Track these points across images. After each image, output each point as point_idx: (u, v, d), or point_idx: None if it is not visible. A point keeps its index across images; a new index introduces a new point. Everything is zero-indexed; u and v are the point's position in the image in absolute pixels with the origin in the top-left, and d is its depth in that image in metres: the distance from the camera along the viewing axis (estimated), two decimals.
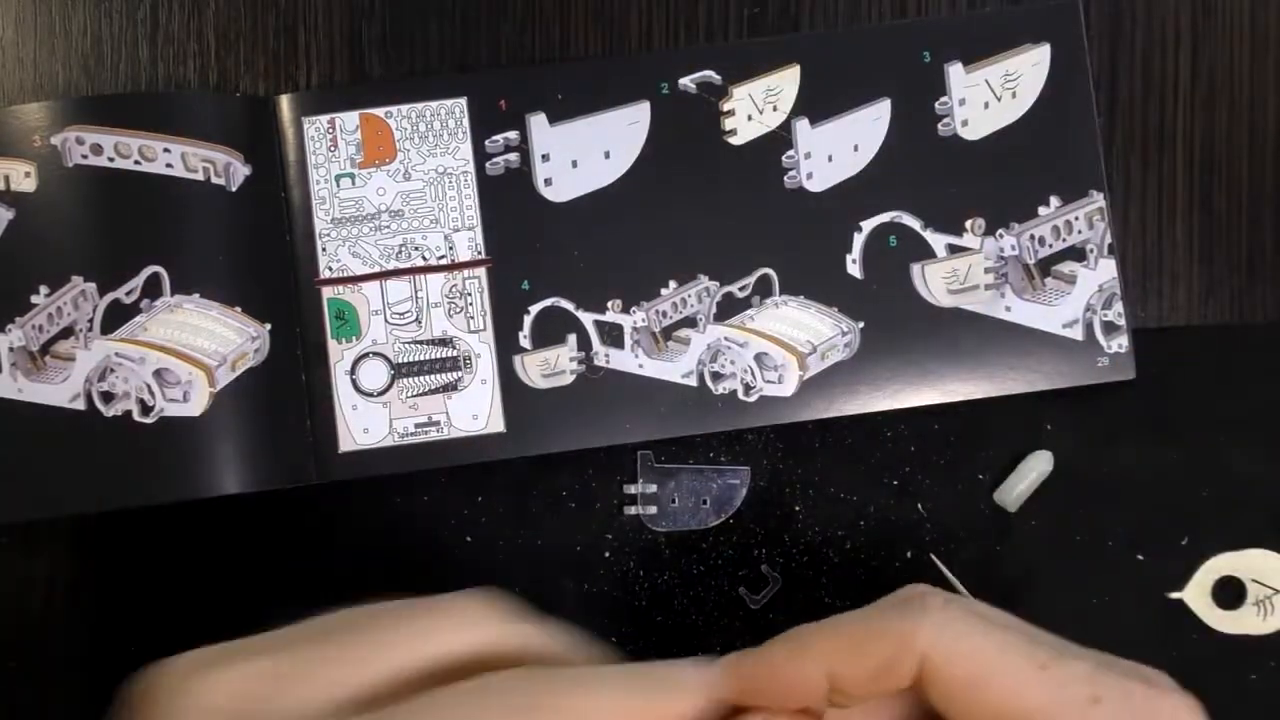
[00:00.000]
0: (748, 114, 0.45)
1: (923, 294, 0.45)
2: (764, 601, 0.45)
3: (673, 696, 0.30)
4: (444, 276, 0.45)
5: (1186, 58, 0.47)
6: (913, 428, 0.45)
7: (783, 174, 0.45)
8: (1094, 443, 0.45)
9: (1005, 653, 0.30)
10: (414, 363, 0.44)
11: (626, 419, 0.44)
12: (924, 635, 0.30)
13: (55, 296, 0.43)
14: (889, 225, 0.45)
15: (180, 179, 0.43)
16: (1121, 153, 0.47)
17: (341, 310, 0.45)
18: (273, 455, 0.43)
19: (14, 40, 0.46)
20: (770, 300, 0.45)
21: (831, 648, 0.31)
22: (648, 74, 0.45)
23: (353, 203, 0.45)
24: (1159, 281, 0.47)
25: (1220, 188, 0.47)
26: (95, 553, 0.45)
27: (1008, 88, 0.45)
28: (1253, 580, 0.45)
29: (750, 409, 0.44)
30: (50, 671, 0.45)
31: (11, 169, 0.43)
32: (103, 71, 0.46)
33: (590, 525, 0.45)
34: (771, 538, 0.45)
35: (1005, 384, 0.45)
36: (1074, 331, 0.45)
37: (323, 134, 0.45)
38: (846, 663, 0.30)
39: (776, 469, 0.45)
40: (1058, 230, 0.45)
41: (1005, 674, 0.30)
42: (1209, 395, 0.46)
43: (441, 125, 0.45)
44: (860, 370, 0.45)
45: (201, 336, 0.43)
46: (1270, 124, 0.47)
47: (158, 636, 0.44)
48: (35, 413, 0.43)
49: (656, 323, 0.45)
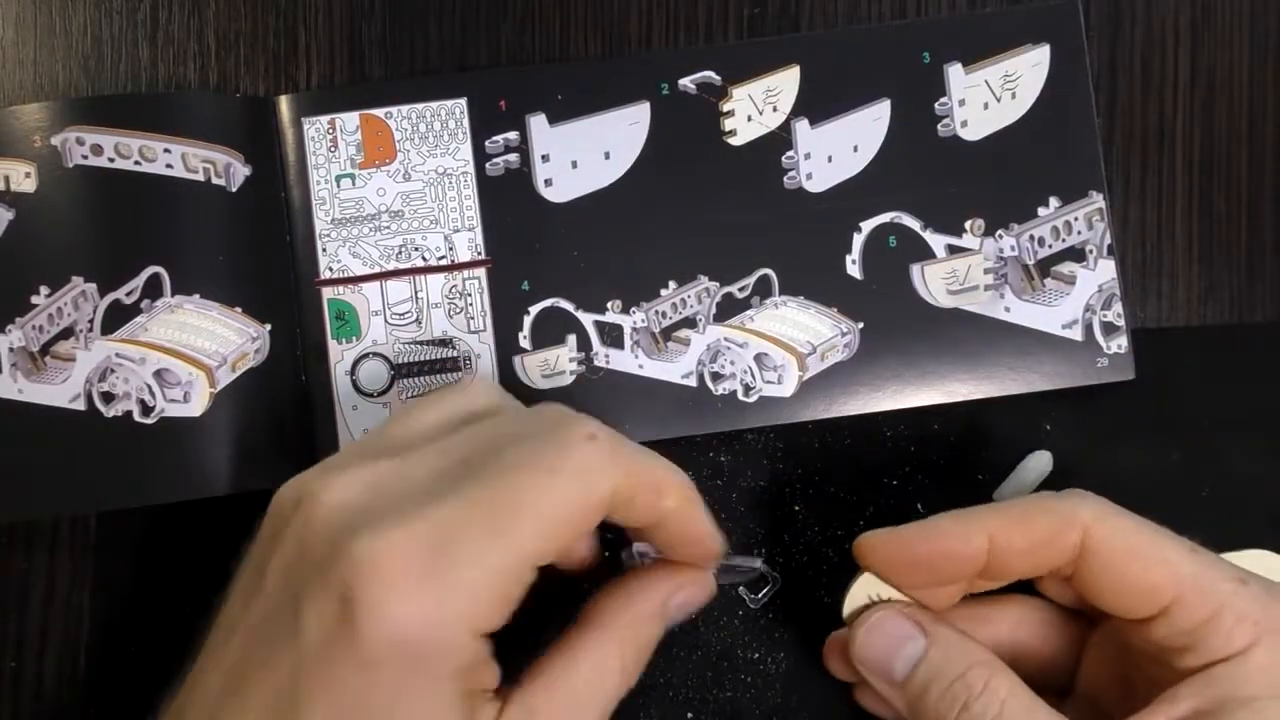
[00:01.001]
0: (747, 114, 0.45)
1: (922, 294, 0.45)
2: (764, 601, 0.45)
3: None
4: (444, 277, 0.45)
5: (1186, 58, 0.47)
6: (913, 428, 0.45)
7: (782, 174, 0.45)
8: (1094, 443, 0.45)
9: (1160, 535, 0.34)
10: (414, 363, 0.45)
11: (626, 419, 0.44)
12: (1088, 511, 0.34)
13: (55, 297, 0.43)
14: (889, 226, 0.45)
15: (180, 179, 0.43)
16: (1121, 153, 0.47)
17: (341, 311, 0.45)
18: (273, 455, 0.43)
19: (14, 40, 0.46)
20: (770, 301, 0.45)
21: (998, 519, 0.35)
22: (648, 74, 0.45)
23: (353, 203, 0.45)
24: (1159, 282, 0.47)
25: (1220, 188, 0.47)
26: (95, 553, 0.45)
27: (1007, 88, 0.45)
28: None
29: (750, 409, 0.45)
30: (50, 671, 0.45)
31: (11, 169, 0.43)
32: (103, 72, 0.46)
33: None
34: (771, 538, 0.45)
35: (1005, 384, 0.45)
36: (1073, 332, 0.45)
37: (323, 134, 0.45)
38: (1012, 531, 0.34)
39: (776, 469, 0.45)
40: (1057, 231, 0.45)
41: (1162, 549, 0.33)
42: (1209, 395, 0.46)
43: (441, 126, 0.45)
44: (860, 370, 0.45)
45: (202, 337, 0.43)
46: (1270, 124, 0.47)
47: (158, 636, 0.44)
48: (35, 413, 0.43)
49: (656, 323, 0.45)
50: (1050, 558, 0.34)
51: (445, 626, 0.29)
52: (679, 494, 0.33)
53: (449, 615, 0.29)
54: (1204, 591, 0.32)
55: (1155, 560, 0.33)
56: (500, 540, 0.30)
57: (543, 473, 0.31)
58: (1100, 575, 0.33)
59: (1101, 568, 0.33)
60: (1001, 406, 0.45)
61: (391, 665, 0.28)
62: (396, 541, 0.29)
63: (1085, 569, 0.33)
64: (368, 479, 0.31)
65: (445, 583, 0.29)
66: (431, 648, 0.29)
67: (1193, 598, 0.32)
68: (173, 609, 0.45)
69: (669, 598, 0.35)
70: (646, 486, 0.32)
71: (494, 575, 0.30)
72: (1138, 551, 0.33)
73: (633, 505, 0.32)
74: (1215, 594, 0.32)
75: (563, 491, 0.31)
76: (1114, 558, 0.33)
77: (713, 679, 0.44)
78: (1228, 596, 0.32)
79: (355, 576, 0.29)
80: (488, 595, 0.30)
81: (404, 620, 0.29)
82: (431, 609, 0.29)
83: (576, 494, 0.31)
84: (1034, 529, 0.34)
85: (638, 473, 0.32)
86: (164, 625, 0.44)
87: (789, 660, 0.44)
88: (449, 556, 0.29)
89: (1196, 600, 0.32)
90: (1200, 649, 0.32)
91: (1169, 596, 0.32)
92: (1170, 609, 0.33)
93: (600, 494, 0.31)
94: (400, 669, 0.28)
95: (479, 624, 0.30)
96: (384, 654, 0.28)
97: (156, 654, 0.44)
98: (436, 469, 0.31)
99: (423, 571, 0.29)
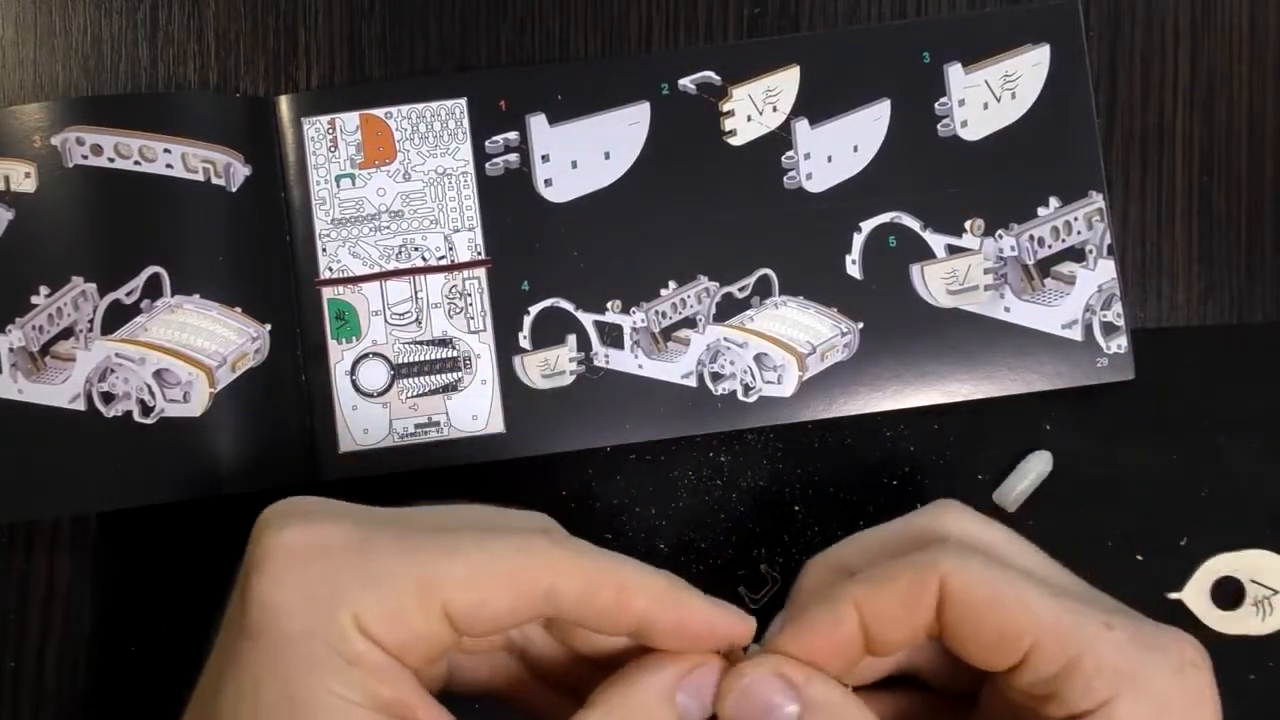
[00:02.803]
0: (747, 114, 0.45)
1: (922, 294, 0.45)
2: (764, 601, 0.45)
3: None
4: (444, 277, 0.45)
5: (1186, 58, 0.47)
6: (912, 428, 0.45)
7: (782, 174, 0.45)
8: (1094, 443, 0.45)
9: (1022, 579, 0.32)
10: (414, 363, 0.45)
11: (626, 419, 0.44)
12: (949, 561, 0.32)
13: (55, 297, 0.43)
14: (888, 226, 0.45)
15: (180, 179, 0.43)
16: (1121, 153, 0.47)
17: (341, 311, 0.45)
18: (273, 455, 0.43)
19: (14, 40, 0.46)
20: (770, 301, 0.45)
21: (861, 589, 0.32)
22: (648, 74, 0.45)
23: (353, 203, 0.45)
24: (1158, 282, 0.47)
25: (1220, 188, 0.47)
26: (95, 553, 0.45)
27: (1007, 88, 0.45)
28: (1252, 581, 0.45)
29: (750, 409, 0.44)
30: (50, 671, 0.45)
31: (11, 169, 0.43)
32: (103, 72, 0.46)
33: (590, 525, 0.45)
34: (771, 538, 0.45)
35: (1005, 384, 0.45)
36: (1073, 332, 0.45)
37: (323, 134, 0.45)
38: (877, 598, 0.32)
39: (776, 469, 0.45)
40: (1057, 231, 0.45)
41: (1023, 593, 0.31)
42: (1208, 395, 0.46)
43: (441, 126, 0.45)
44: (860, 371, 0.45)
45: (201, 337, 0.43)
46: (1270, 124, 0.47)
47: (158, 636, 0.44)
48: (35, 413, 0.43)
49: (656, 323, 0.45)
50: (921, 613, 0.32)
51: (328, 607, 0.28)
52: (652, 591, 0.31)
53: (335, 597, 0.28)
54: (1062, 636, 0.30)
55: (1014, 605, 0.31)
56: (415, 557, 0.29)
57: (483, 530, 0.30)
58: (960, 625, 0.31)
59: (960, 617, 0.31)
60: (1001, 406, 0.45)
61: (270, 636, 0.28)
62: (310, 531, 0.29)
63: (947, 623, 0.32)
64: (336, 505, 0.31)
65: (341, 566, 0.28)
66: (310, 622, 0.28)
67: (1050, 642, 0.30)
68: (173, 609, 0.45)
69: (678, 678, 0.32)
70: (604, 584, 0.30)
71: (396, 581, 0.29)
72: (997, 597, 0.31)
73: (592, 605, 0.30)
74: (1075, 639, 0.30)
75: (498, 548, 0.29)
76: (973, 606, 0.31)
77: None
78: (1090, 641, 0.30)
79: (259, 552, 0.29)
80: (383, 598, 0.28)
81: (287, 592, 0.28)
82: (318, 585, 0.28)
83: (511, 557, 0.29)
84: (896, 590, 0.32)
85: (590, 569, 0.30)
86: (164, 625, 0.44)
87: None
88: (354, 548, 0.29)
89: (1054, 645, 0.30)
90: (1061, 699, 0.30)
91: (1027, 642, 0.30)
92: (1029, 656, 0.31)
93: (537, 573, 0.29)
94: (280, 641, 0.28)
95: (370, 623, 0.28)
96: (266, 623, 0.28)
97: (156, 654, 0.44)
98: (394, 514, 0.31)
99: (320, 553, 0.29)
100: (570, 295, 0.45)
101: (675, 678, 0.31)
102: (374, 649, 0.29)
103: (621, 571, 0.31)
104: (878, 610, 0.32)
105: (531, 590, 0.30)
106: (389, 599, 0.29)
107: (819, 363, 0.45)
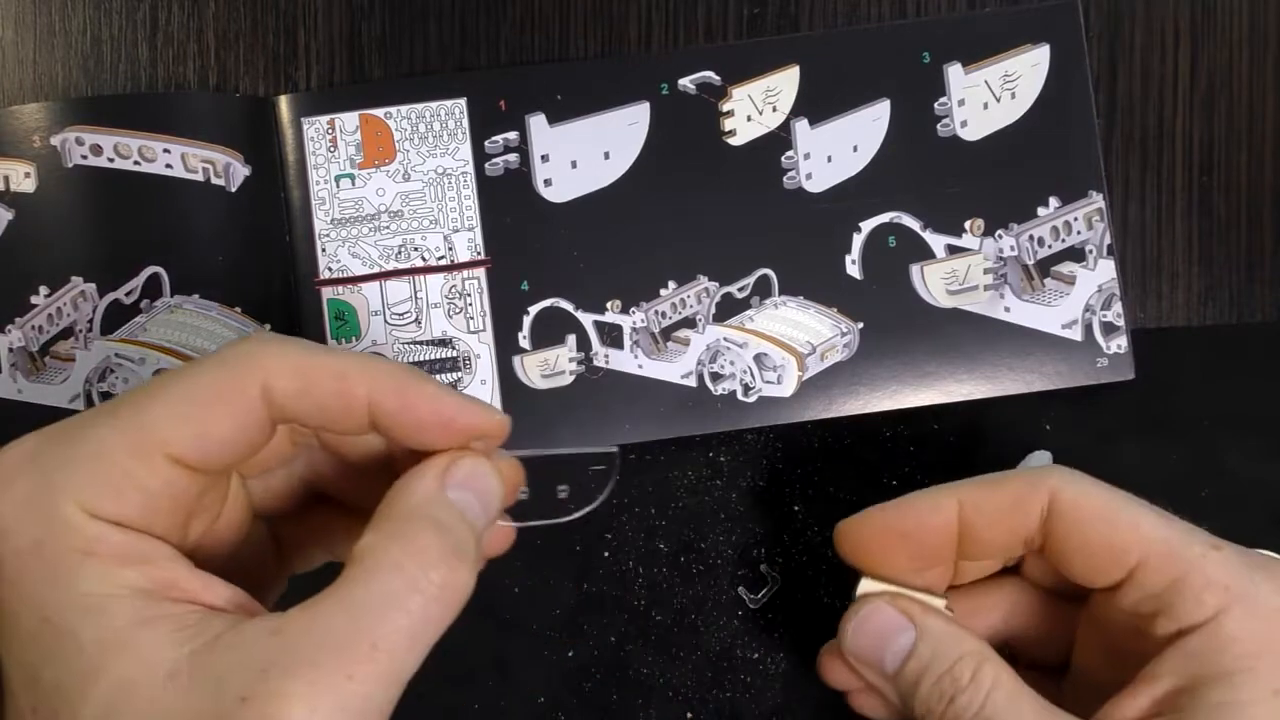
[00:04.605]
0: (747, 114, 0.45)
1: (922, 294, 0.45)
2: (763, 601, 0.45)
3: None
4: (443, 277, 0.45)
5: (1186, 58, 0.47)
6: (912, 428, 0.45)
7: (782, 174, 0.45)
8: (1094, 443, 0.45)
9: (1129, 500, 0.33)
10: (414, 363, 0.45)
11: (626, 419, 0.44)
12: (1056, 477, 0.33)
13: (55, 297, 0.43)
14: (888, 226, 0.45)
15: (180, 179, 0.43)
16: (1121, 153, 0.47)
17: (341, 311, 0.45)
18: None
19: (14, 40, 0.46)
20: (769, 301, 0.45)
21: (967, 487, 0.35)
22: (647, 74, 0.45)
23: (352, 203, 0.45)
24: (1158, 282, 0.47)
25: (1220, 188, 0.47)
26: None
27: (1007, 88, 0.45)
28: None
29: (750, 409, 0.44)
30: None
31: (11, 169, 0.43)
32: (102, 72, 0.46)
33: (590, 525, 0.45)
34: (771, 538, 0.45)
35: (1004, 384, 0.45)
36: (1073, 332, 0.45)
37: (322, 134, 0.45)
38: (980, 497, 0.33)
39: (776, 469, 0.45)
40: (1057, 231, 0.45)
41: (1130, 512, 0.33)
42: (1208, 395, 0.46)
43: (441, 126, 0.45)
44: (859, 371, 0.45)
45: (201, 337, 0.43)
46: (1270, 124, 0.47)
47: None
48: (35, 413, 0.43)
49: (656, 323, 0.45)
50: (1020, 524, 0.33)
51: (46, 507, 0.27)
52: (373, 378, 0.29)
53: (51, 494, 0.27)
54: (1170, 554, 0.32)
55: (1121, 523, 0.32)
56: (115, 420, 0.28)
57: (185, 367, 0.29)
58: (1067, 540, 0.33)
59: (1067, 532, 0.33)
60: (1001, 406, 0.45)
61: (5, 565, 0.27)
62: (10, 450, 0.29)
63: (1053, 535, 0.33)
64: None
65: (47, 463, 0.28)
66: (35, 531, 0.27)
67: (1158, 560, 0.32)
68: None
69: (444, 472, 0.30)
70: (320, 375, 0.28)
71: (104, 448, 0.28)
72: (1104, 514, 0.32)
73: (314, 399, 0.28)
74: (1182, 557, 0.32)
75: (199, 374, 0.28)
76: (1080, 521, 0.32)
77: (712, 679, 0.44)
78: (1196, 560, 0.32)
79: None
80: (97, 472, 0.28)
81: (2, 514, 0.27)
82: (31, 492, 0.28)
83: (213, 372, 0.28)
84: (1001, 494, 0.33)
85: (302, 361, 0.28)
86: None
87: (788, 660, 0.44)
88: (61, 441, 0.28)
89: (1162, 562, 0.32)
90: (1170, 614, 0.32)
91: (1135, 559, 0.32)
92: (1136, 572, 0.32)
93: (248, 375, 0.28)
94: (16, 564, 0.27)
95: (96, 503, 0.27)
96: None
97: None
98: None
99: (25, 461, 0.28)
100: (570, 295, 0.45)
101: (437, 476, 0.29)
102: (111, 529, 0.27)
103: (340, 361, 0.29)
104: (981, 505, 0.33)
105: (246, 399, 0.28)
106: (105, 469, 0.28)
107: (819, 363, 0.45)
